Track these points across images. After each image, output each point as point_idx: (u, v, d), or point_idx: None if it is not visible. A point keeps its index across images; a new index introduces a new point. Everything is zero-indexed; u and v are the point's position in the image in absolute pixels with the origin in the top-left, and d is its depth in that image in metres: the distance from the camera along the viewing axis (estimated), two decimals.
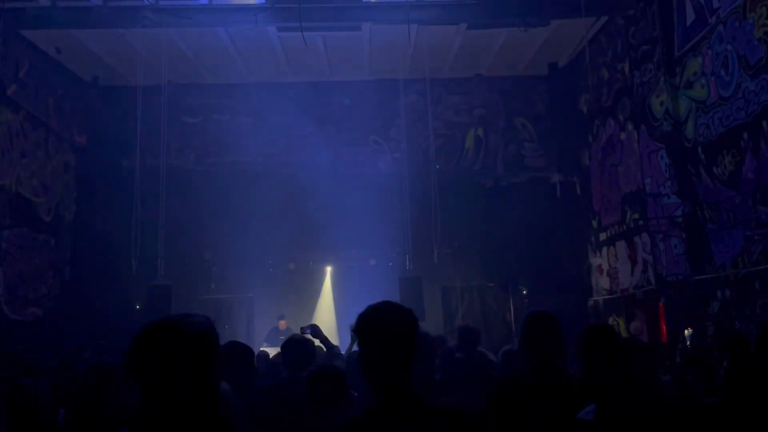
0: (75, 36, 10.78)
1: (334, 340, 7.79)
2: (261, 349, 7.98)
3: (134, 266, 10.04)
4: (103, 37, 10.90)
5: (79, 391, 3.22)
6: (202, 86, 12.66)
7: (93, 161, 12.43)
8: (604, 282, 11.38)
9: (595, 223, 11.79)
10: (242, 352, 3.89)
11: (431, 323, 10.43)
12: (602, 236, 11.46)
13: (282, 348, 4.34)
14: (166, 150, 10.89)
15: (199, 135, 12.79)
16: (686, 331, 7.56)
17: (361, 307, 2.17)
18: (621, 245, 10.66)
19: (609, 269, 11.15)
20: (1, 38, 9.85)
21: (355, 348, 5.40)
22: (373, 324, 2.07)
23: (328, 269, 12.94)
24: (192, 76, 12.32)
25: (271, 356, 6.65)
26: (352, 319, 2.19)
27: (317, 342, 5.08)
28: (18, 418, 3.15)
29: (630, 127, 10.21)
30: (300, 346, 4.29)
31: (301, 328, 5.25)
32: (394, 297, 9.88)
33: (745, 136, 7.15)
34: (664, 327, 9.02)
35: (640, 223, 9.79)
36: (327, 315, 12.24)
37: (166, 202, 10.39)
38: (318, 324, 5.52)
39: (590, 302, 11.82)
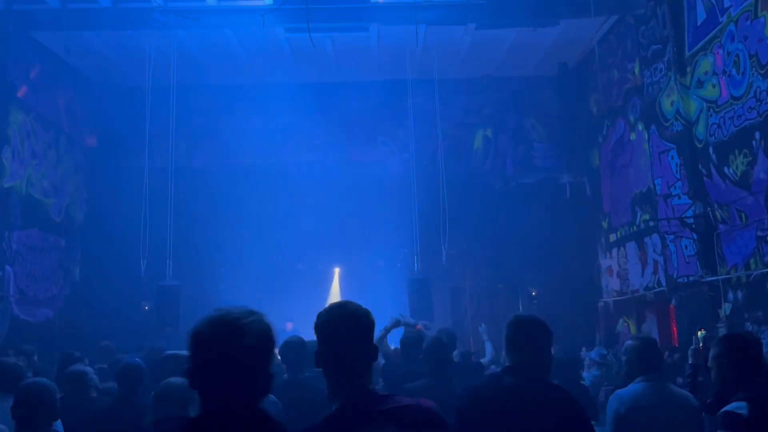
0: (85, 37, 10.84)
1: None
2: None
3: (143, 267, 10.07)
4: (113, 38, 10.97)
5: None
6: (211, 87, 12.68)
7: (103, 162, 12.49)
8: (614, 283, 11.31)
9: (605, 224, 11.72)
10: None
11: (439, 325, 10.39)
12: (612, 237, 11.39)
13: (280, 351, 4.37)
14: (175, 151, 10.92)
15: (207, 136, 12.82)
16: (699, 333, 7.49)
17: (369, 308, 2.17)
18: (631, 246, 10.58)
19: (619, 270, 11.08)
20: (12, 40, 9.92)
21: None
22: (333, 325, 2.08)
23: (337, 270, 12.95)
24: (201, 77, 12.35)
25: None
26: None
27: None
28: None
29: (640, 127, 10.14)
30: (296, 348, 4.33)
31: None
32: (403, 298, 9.89)
33: (757, 135, 7.08)
34: (674, 329, 8.95)
35: (651, 224, 9.71)
36: None
37: (175, 202, 10.42)
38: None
39: (600, 303, 11.75)
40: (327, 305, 2.18)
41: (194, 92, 12.49)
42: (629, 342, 4.01)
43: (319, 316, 2.13)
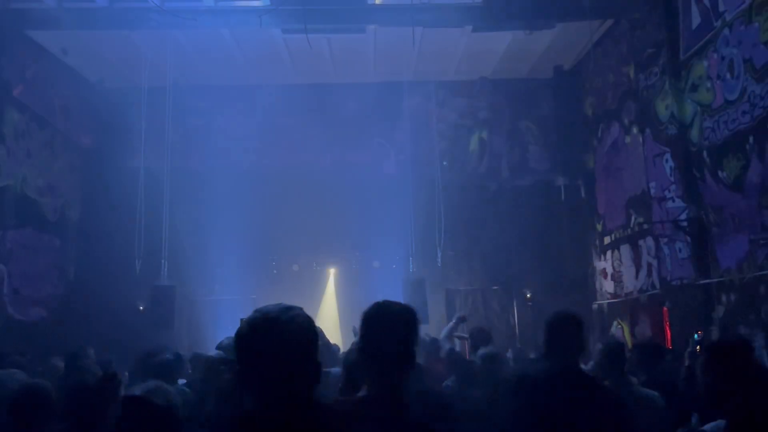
0: (81, 37, 10.82)
1: (337, 341, 7.80)
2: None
3: (138, 267, 10.06)
4: (109, 38, 10.94)
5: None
6: (207, 87, 12.68)
7: (98, 162, 12.47)
8: (608, 286, 11.35)
9: (599, 227, 11.76)
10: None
11: (434, 326, 10.42)
12: (607, 240, 11.44)
13: None
14: (171, 151, 10.92)
15: (203, 136, 12.80)
16: (695, 335, 7.52)
17: (364, 309, 2.19)
18: (625, 249, 10.63)
19: (613, 273, 11.12)
20: (8, 39, 9.90)
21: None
22: (379, 321, 2.11)
23: (332, 271, 12.95)
24: (197, 77, 12.34)
25: None
26: (356, 321, 2.22)
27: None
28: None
29: (635, 130, 10.18)
30: None
31: None
32: (398, 299, 9.87)
33: (751, 140, 7.12)
34: (668, 331, 8.98)
35: (645, 226, 9.75)
36: (330, 317, 12.25)
37: (170, 203, 10.42)
38: (321, 326, 5.53)
39: (594, 306, 11.79)
40: (374, 303, 2.22)
41: (190, 92, 12.48)
42: (598, 345, 4.20)
43: (366, 313, 2.22)
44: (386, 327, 2.12)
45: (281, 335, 1.74)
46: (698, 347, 6.82)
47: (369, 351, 2.11)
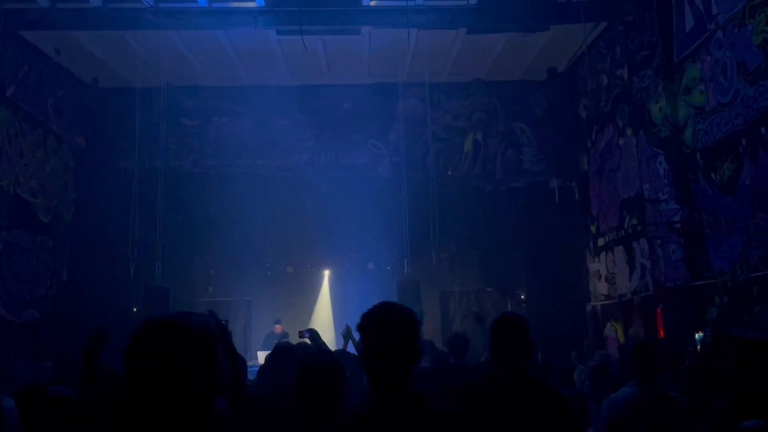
0: (75, 37, 10.78)
1: (331, 344, 7.78)
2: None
3: (132, 268, 10.03)
4: (103, 38, 10.91)
5: None
6: (201, 88, 12.66)
7: (92, 163, 12.41)
8: (602, 287, 11.37)
9: (593, 229, 11.79)
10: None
11: (429, 327, 10.43)
12: (600, 241, 11.46)
13: (271, 357, 4.33)
14: (165, 152, 10.89)
15: (197, 137, 12.77)
16: (696, 335, 7.55)
17: (358, 311, 2.18)
18: (619, 251, 10.65)
19: (607, 275, 11.15)
20: (1, 39, 9.85)
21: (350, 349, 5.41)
22: (378, 324, 2.08)
23: (326, 273, 12.94)
24: (191, 78, 12.32)
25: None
26: (351, 323, 2.20)
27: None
28: None
29: (629, 132, 10.22)
30: (287, 354, 4.28)
31: (300, 332, 5.24)
32: (392, 301, 9.86)
33: (744, 142, 7.16)
34: (662, 333, 9.01)
35: (639, 228, 9.79)
36: (325, 319, 12.24)
37: (164, 204, 10.39)
38: (316, 328, 5.52)
39: (588, 308, 11.82)
40: (372, 306, 2.17)
41: (184, 93, 12.47)
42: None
43: (365, 316, 2.14)
44: (389, 329, 2.09)
45: (175, 344, 1.54)
46: (699, 347, 6.86)
47: (373, 355, 2.07)
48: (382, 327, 2.08)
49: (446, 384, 4.38)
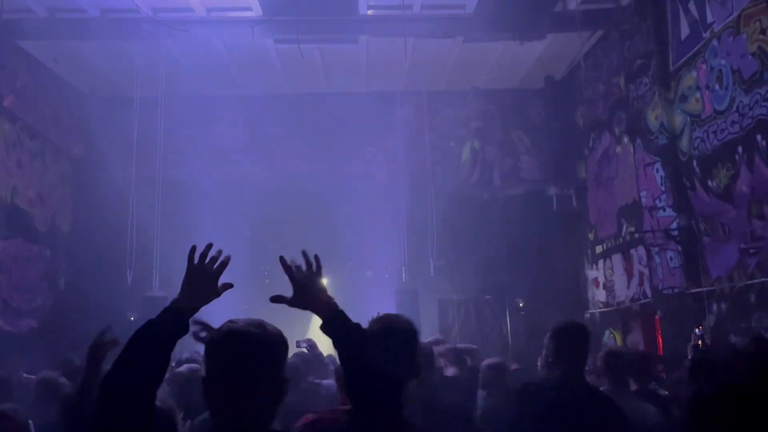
0: (73, 47, 10.81)
1: (329, 352, 7.74)
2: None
3: (129, 277, 10.01)
4: (101, 48, 10.94)
5: None
6: (199, 97, 12.65)
7: (90, 172, 12.40)
8: (600, 295, 11.37)
9: (591, 236, 11.80)
10: None
11: (427, 336, 10.38)
12: (598, 249, 11.47)
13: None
14: (163, 161, 10.89)
15: (195, 146, 12.76)
16: (696, 329, 7.54)
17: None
18: (617, 258, 10.66)
19: (605, 282, 11.15)
20: None
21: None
22: (384, 336, 2.07)
23: (324, 281, 12.90)
24: (189, 87, 12.32)
25: None
26: None
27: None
28: None
29: (626, 140, 10.25)
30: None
31: (297, 342, 5.22)
32: (390, 309, 9.86)
33: (740, 149, 7.18)
34: (660, 340, 9.01)
35: (636, 236, 9.80)
36: None
37: (161, 213, 10.38)
38: (312, 337, 5.50)
39: (586, 315, 11.81)
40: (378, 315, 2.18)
41: (182, 102, 12.46)
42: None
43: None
44: (391, 341, 2.08)
45: (250, 349, 1.74)
46: (700, 342, 6.87)
47: (374, 366, 2.06)
48: (388, 338, 2.07)
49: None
